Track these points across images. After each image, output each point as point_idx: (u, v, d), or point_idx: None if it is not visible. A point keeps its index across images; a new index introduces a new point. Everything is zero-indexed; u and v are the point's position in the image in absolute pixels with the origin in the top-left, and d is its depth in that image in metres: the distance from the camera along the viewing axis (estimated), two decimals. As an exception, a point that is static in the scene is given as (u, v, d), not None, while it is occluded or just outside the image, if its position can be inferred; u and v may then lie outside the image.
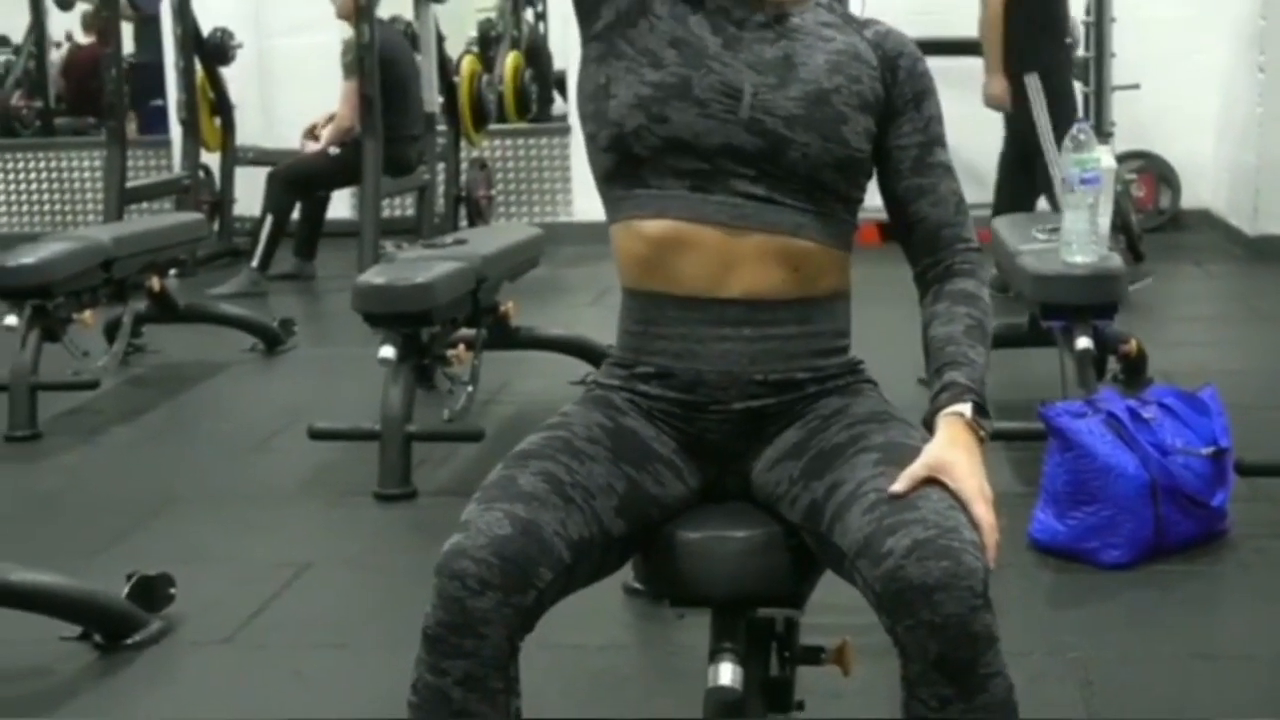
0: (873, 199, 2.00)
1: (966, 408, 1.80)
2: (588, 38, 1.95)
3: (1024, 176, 6.28)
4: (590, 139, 1.95)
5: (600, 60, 1.92)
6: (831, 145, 1.87)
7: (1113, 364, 4.52)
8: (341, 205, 7.87)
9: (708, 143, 1.86)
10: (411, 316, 3.90)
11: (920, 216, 1.95)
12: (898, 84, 1.94)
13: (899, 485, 1.71)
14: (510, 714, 1.74)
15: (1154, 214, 7.95)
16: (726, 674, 1.85)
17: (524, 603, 1.71)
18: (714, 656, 1.87)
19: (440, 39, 7.71)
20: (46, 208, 9.22)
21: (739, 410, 1.92)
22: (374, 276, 3.96)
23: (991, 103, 6.20)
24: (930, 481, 1.72)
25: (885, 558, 1.64)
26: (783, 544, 1.88)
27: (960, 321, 1.90)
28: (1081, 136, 3.65)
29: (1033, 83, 6.04)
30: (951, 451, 1.75)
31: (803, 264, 1.90)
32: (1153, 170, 7.94)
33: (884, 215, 2.01)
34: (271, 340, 5.71)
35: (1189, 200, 7.97)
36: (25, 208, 9.20)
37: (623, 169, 1.91)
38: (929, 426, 1.82)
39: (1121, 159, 7.59)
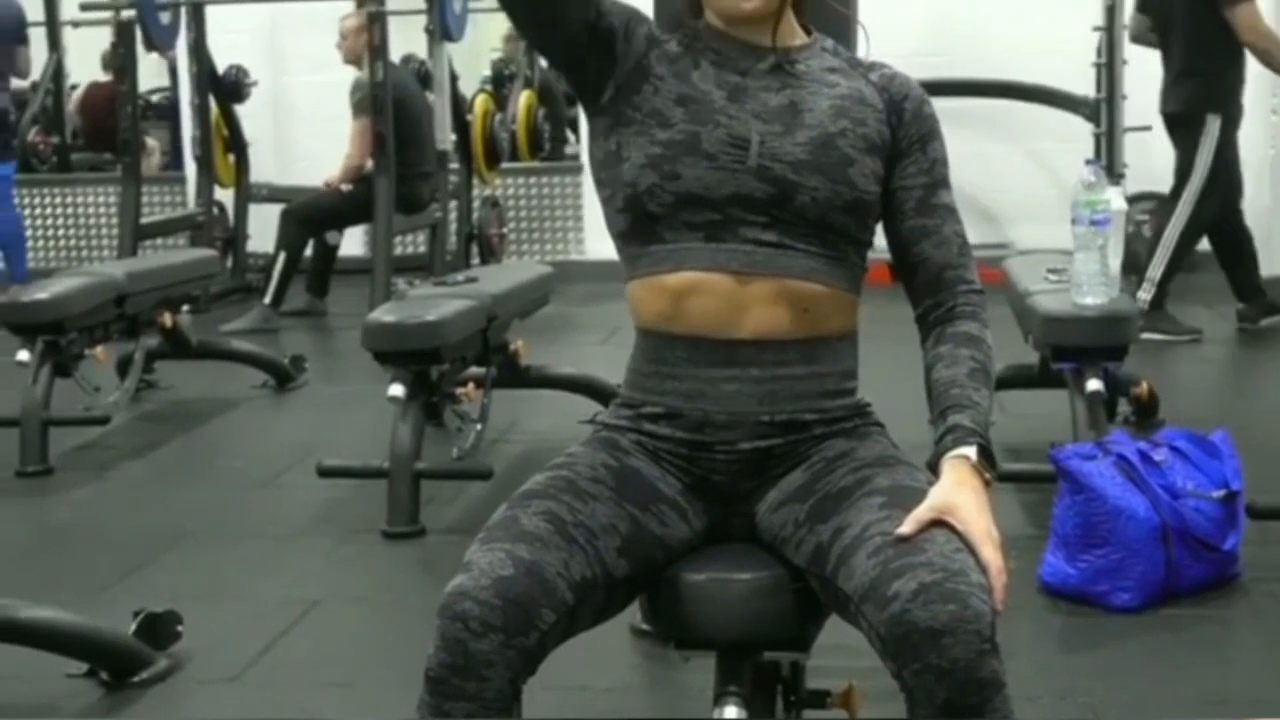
0: (882, 239, 2.00)
1: (972, 450, 1.79)
2: (594, 113, 1.97)
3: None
4: (606, 202, 1.97)
5: (609, 131, 1.94)
6: (840, 188, 1.88)
7: (1124, 406, 4.52)
8: (354, 242, 7.89)
9: (719, 194, 1.87)
10: (421, 354, 3.90)
11: (923, 257, 1.95)
12: (904, 125, 1.94)
13: (905, 528, 1.70)
14: (513, 756, 1.73)
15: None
16: (731, 717, 1.85)
17: (527, 644, 1.70)
18: (719, 700, 1.87)
19: (454, 77, 7.74)
20: (62, 243, 9.27)
21: (746, 451, 1.91)
22: (384, 314, 3.96)
23: None
24: (937, 524, 1.71)
25: (891, 601, 1.63)
26: (788, 587, 1.87)
27: (964, 364, 1.89)
28: (1092, 178, 3.65)
29: (1213, 125, 6.01)
30: (958, 494, 1.74)
31: (812, 306, 1.90)
32: (1164, 212, 7.91)
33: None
34: (282, 377, 5.72)
35: (1202, 243, 7.93)
36: (42, 243, 9.23)
37: (638, 227, 1.92)
38: (934, 470, 1.81)
39: (1133, 200, 7.61)
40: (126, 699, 2.91)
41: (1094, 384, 3.68)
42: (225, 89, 7.97)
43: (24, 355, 4.61)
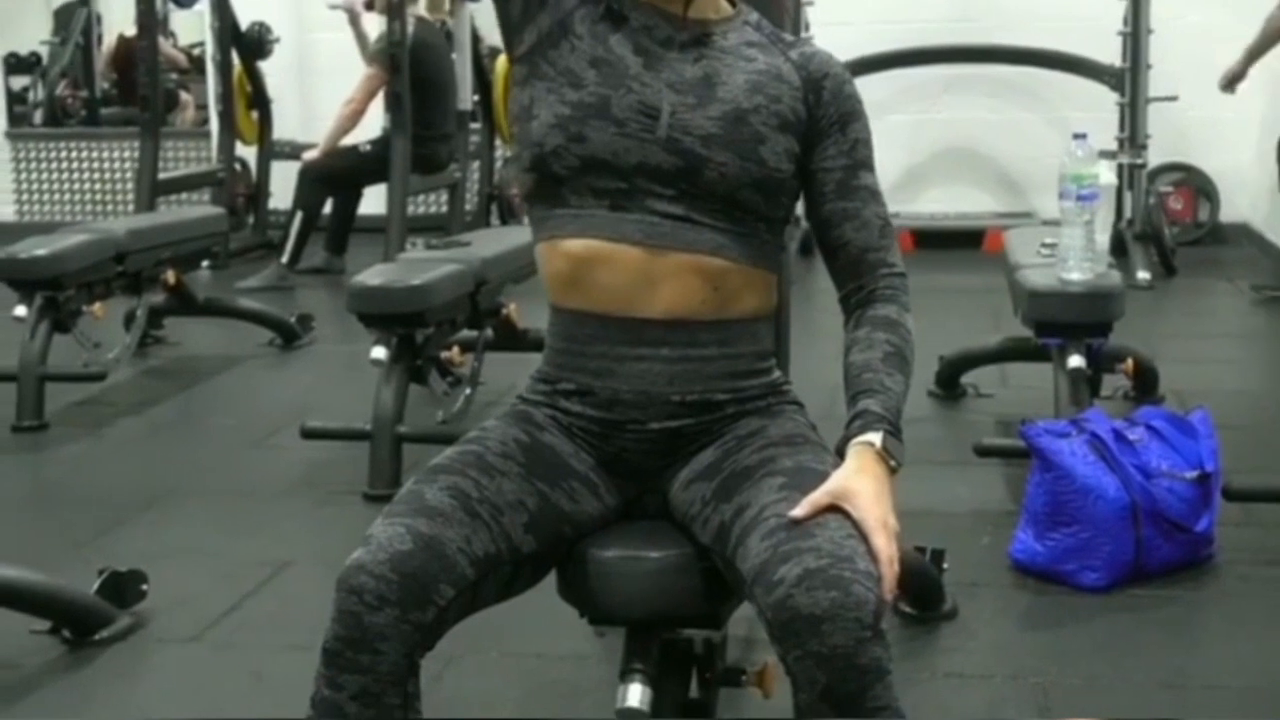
0: (907, 206, 1.96)
1: (877, 437, 1.77)
2: (513, 60, 1.96)
3: None
4: (516, 159, 1.95)
5: (525, 82, 1.92)
6: (749, 165, 1.85)
7: (1122, 381, 4.47)
8: (374, 201, 7.89)
9: (625, 162, 1.85)
10: (404, 318, 3.91)
11: (844, 241, 1.93)
12: (821, 105, 1.92)
13: (799, 511, 1.69)
14: (407, 730, 1.73)
15: (1191, 227, 7.85)
16: (634, 695, 1.85)
17: (423, 619, 1.71)
18: (623, 677, 1.87)
19: (476, 38, 7.72)
20: (89, 197, 9.33)
21: (656, 430, 1.90)
22: (368, 278, 3.96)
23: None
24: (832, 510, 1.69)
25: (776, 586, 1.62)
26: (696, 565, 1.87)
27: (879, 348, 1.87)
28: (1079, 152, 3.59)
29: None
30: (857, 480, 1.72)
31: (722, 284, 1.88)
32: (1191, 183, 7.84)
33: (921, 223, 1.98)
34: (288, 335, 5.74)
35: (1228, 214, 7.86)
36: (69, 196, 9.31)
37: (544, 188, 1.91)
38: (842, 455, 1.79)
39: (1160, 171, 7.54)
40: (86, 656, 2.93)
41: (1076, 360, 3.64)
42: (248, 45, 7.97)
43: (21, 311, 4.64)
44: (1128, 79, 7.07)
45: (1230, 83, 6.43)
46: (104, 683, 2.84)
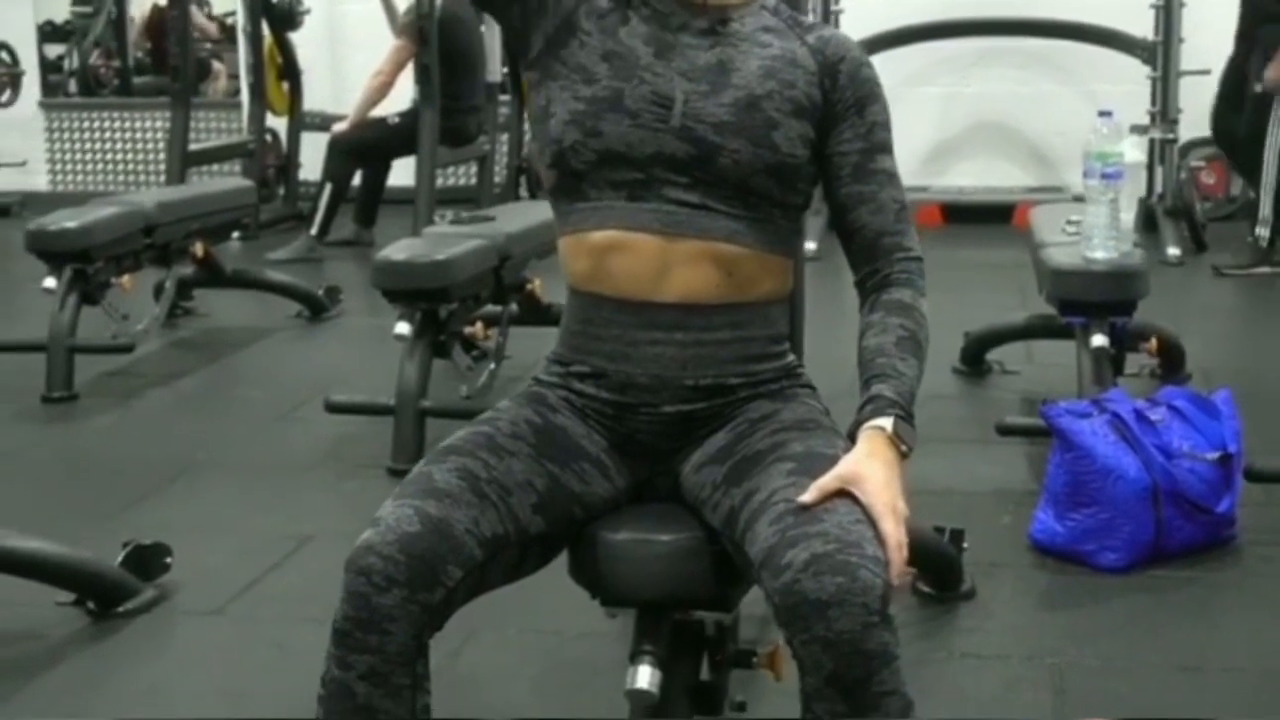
0: (937, 180, 1.95)
1: (889, 421, 1.77)
2: (526, 67, 1.97)
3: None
4: (538, 158, 1.97)
5: (539, 84, 1.94)
6: (762, 151, 1.86)
7: (1149, 359, 4.45)
8: (404, 173, 7.90)
9: (640, 152, 1.86)
10: (428, 293, 3.92)
11: (860, 224, 1.93)
12: (838, 89, 1.91)
13: (808, 496, 1.69)
14: (415, 710, 1.75)
15: (1224, 202, 7.79)
16: (644, 677, 1.85)
17: (431, 600, 1.72)
18: (633, 659, 1.88)
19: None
20: (122, 167, 9.37)
21: (669, 413, 1.91)
22: (393, 253, 3.98)
23: (1271, 85, 6.16)
24: (841, 494, 1.70)
25: (784, 570, 1.62)
26: (708, 549, 1.87)
27: (893, 333, 1.87)
28: (1105, 130, 3.58)
29: None
30: (867, 464, 1.73)
31: (736, 269, 1.89)
32: (1223, 158, 7.76)
33: (951, 196, 1.98)
34: (316, 308, 5.76)
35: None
36: (102, 166, 9.35)
37: (564, 184, 1.93)
38: (854, 439, 1.80)
39: (1191, 146, 7.48)
40: (110, 628, 2.97)
41: (1099, 339, 3.63)
42: (279, 15, 7.96)
43: (50, 283, 4.68)
44: (1160, 52, 7.00)
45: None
46: (127, 654, 2.88)
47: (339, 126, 7.31)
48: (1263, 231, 6.31)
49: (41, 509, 3.64)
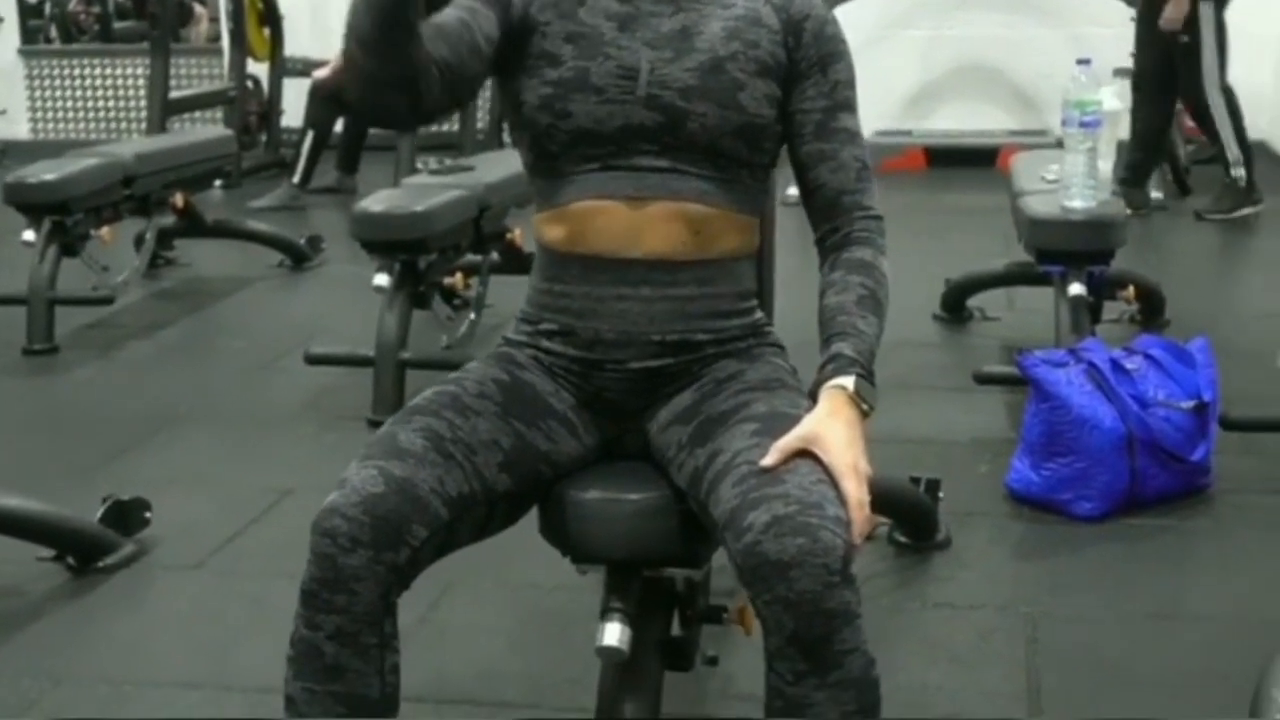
0: (920, 123, 1.94)
1: (849, 380, 1.77)
2: (495, 75, 1.95)
3: (1167, 99, 6.45)
4: (518, 143, 1.99)
5: (509, 81, 1.94)
6: (728, 113, 1.86)
7: (1127, 305, 4.45)
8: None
9: (610, 126, 1.88)
10: (407, 244, 3.92)
11: (820, 183, 1.93)
12: (801, 47, 1.91)
13: (770, 458, 1.70)
14: (384, 668, 1.76)
15: (1208, 146, 7.75)
16: (613, 634, 1.87)
17: (396, 560, 1.73)
18: (603, 616, 1.89)
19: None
20: (103, 114, 9.32)
21: (636, 369, 1.92)
22: (371, 204, 3.97)
23: (1169, 25, 6.18)
24: (803, 455, 1.70)
25: (746, 532, 1.63)
26: (676, 507, 1.88)
27: (853, 291, 1.87)
28: (1083, 78, 3.56)
29: (1207, 11, 6.14)
30: (828, 424, 1.73)
31: (703, 228, 1.90)
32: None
33: (935, 140, 1.97)
34: (298, 257, 5.75)
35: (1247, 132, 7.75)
36: (83, 114, 9.29)
37: (542, 165, 1.95)
38: (815, 399, 1.80)
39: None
40: (90, 583, 2.99)
41: (1076, 288, 3.64)
42: (259, -40, 7.92)
43: (29, 235, 4.67)
44: (1144, -6, 6.95)
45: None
46: (107, 609, 2.90)
47: (320, 73, 7.22)
48: (1238, 171, 6.32)
49: (22, 463, 3.65)
